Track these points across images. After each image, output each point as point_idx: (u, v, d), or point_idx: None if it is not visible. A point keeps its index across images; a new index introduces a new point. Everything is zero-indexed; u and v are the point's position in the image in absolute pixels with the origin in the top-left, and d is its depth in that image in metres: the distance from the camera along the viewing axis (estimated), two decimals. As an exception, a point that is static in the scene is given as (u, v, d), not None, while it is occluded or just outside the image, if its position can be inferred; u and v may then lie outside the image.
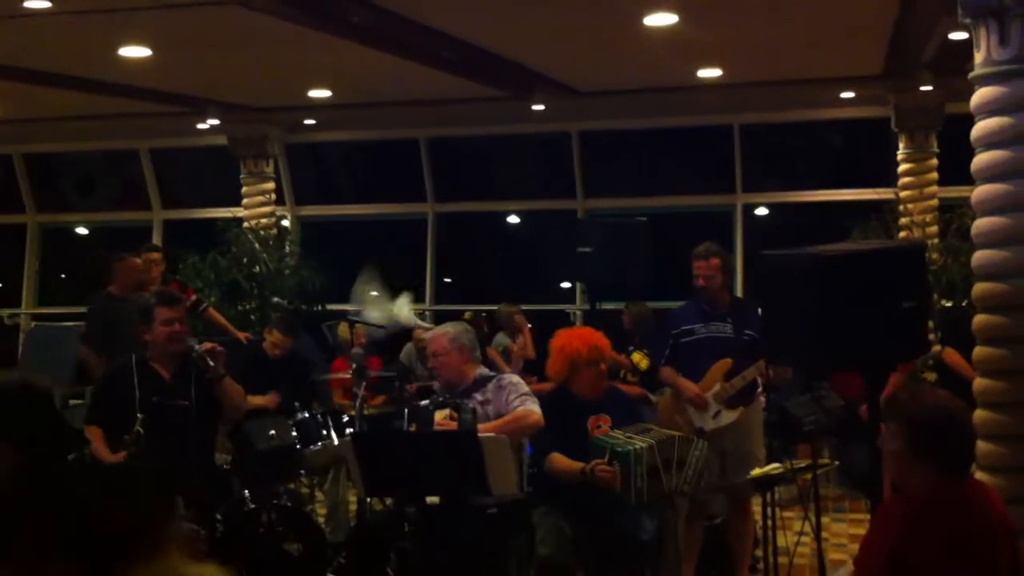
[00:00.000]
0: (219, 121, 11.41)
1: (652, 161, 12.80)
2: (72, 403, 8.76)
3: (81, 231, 14.54)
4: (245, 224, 11.54)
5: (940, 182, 10.27)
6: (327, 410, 6.85)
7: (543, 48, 8.73)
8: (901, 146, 10.40)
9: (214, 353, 5.13)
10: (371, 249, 13.62)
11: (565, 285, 12.05)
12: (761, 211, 12.19)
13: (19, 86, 9.36)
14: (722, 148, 11.86)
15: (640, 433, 4.98)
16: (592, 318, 7.62)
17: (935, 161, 10.31)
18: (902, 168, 10.39)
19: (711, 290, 6.12)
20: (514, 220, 13.33)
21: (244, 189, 11.90)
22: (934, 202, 10.24)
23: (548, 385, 5.79)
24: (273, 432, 6.15)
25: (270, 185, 12.00)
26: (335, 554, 6.05)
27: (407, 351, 10.02)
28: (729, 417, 6.04)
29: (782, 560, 5.65)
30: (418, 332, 9.79)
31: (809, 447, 6.32)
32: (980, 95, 5.52)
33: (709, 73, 9.42)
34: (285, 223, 12.39)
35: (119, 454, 4.90)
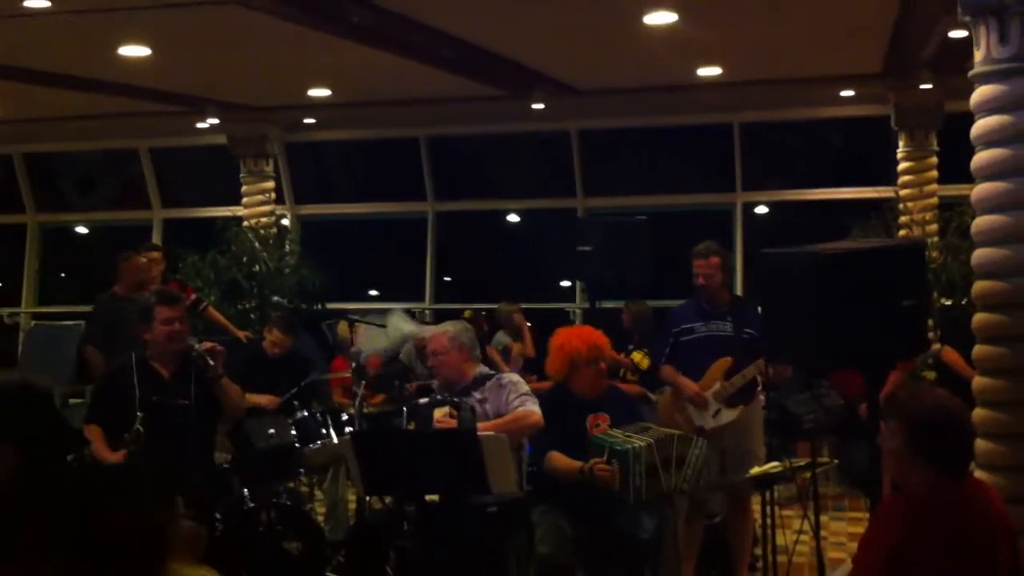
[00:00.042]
0: (219, 120, 11.41)
1: (652, 160, 12.79)
2: (72, 402, 8.77)
3: (81, 230, 14.54)
4: (245, 223, 11.53)
5: (940, 180, 10.27)
6: (326, 409, 6.84)
7: (543, 47, 8.72)
8: (901, 144, 10.40)
9: (214, 352, 5.13)
10: (371, 248, 13.67)
11: (565, 284, 12.05)
12: (761, 209, 12.19)
13: (19, 86, 9.36)
14: (722, 147, 11.86)
15: (639, 432, 4.98)
16: (592, 317, 7.61)
17: (935, 159, 10.31)
18: (902, 166, 10.39)
19: (711, 289, 6.12)
20: (514, 219, 13.32)
21: (244, 188, 11.89)
22: (934, 200, 10.24)
23: (547, 384, 5.79)
24: (272, 431, 6.16)
25: (270, 184, 12.00)
26: (334, 553, 6.05)
27: (406, 350, 10.01)
28: (729, 416, 6.04)
29: (781, 559, 5.65)
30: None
31: (808, 445, 6.32)
32: (980, 93, 5.51)
33: (709, 72, 9.42)
34: (285, 222, 12.38)
35: (119, 453, 4.90)
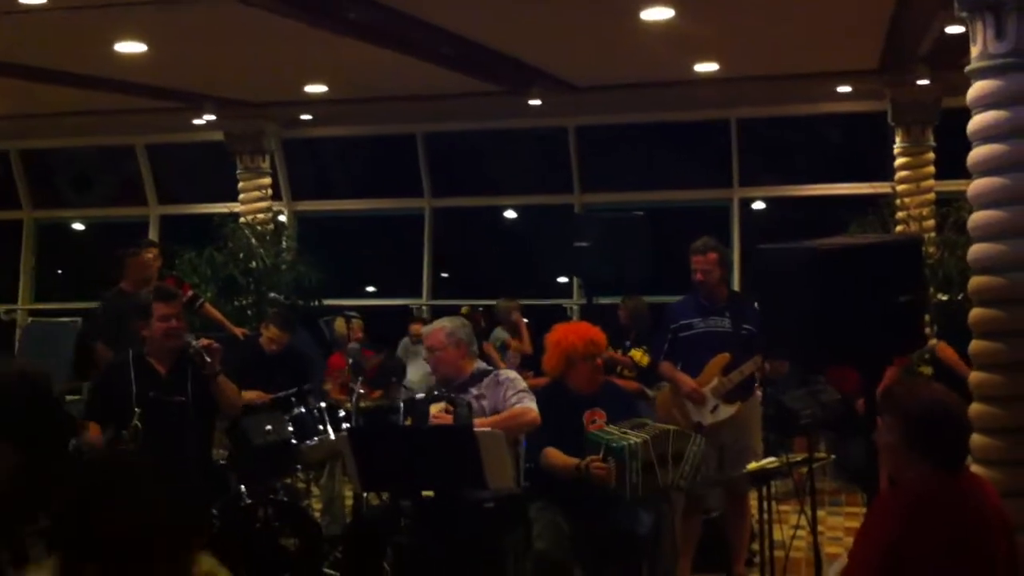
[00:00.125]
0: (215, 117, 11.39)
1: (649, 156, 12.78)
2: (69, 399, 8.75)
3: (77, 227, 14.53)
4: (241, 219, 11.53)
5: (937, 176, 10.28)
6: (319, 404, 6.81)
7: (540, 43, 8.72)
8: (898, 140, 10.40)
9: (210, 349, 5.12)
10: (368, 244, 13.67)
11: (562, 280, 12.05)
12: (758, 205, 12.20)
13: (15, 82, 9.35)
14: (719, 142, 11.86)
15: (635, 428, 4.98)
16: (589, 313, 7.60)
17: (932, 155, 10.32)
18: (899, 162, 10.39)
19: (709, 285, 6.12)
20: (511, 215, 13.32)
21: (240, 184, 11.89)
22: (931, 196, 10.25)
23: (544, 380, 5.79)
24: (269, 427, 6.15)
25: (266, 180, 12.00)
26: (331, 549, 6.04)
27: (403, 346, 10.02)
28: (727, 411, 6.05)
29: (778, 554, 5.65)
30: (414, 327, 9.80)
31: (805, 441, 6.31)
32: (976, 89, 5.51)
33: (706, 68, 9.42)
34: (282, 218, 12.38)
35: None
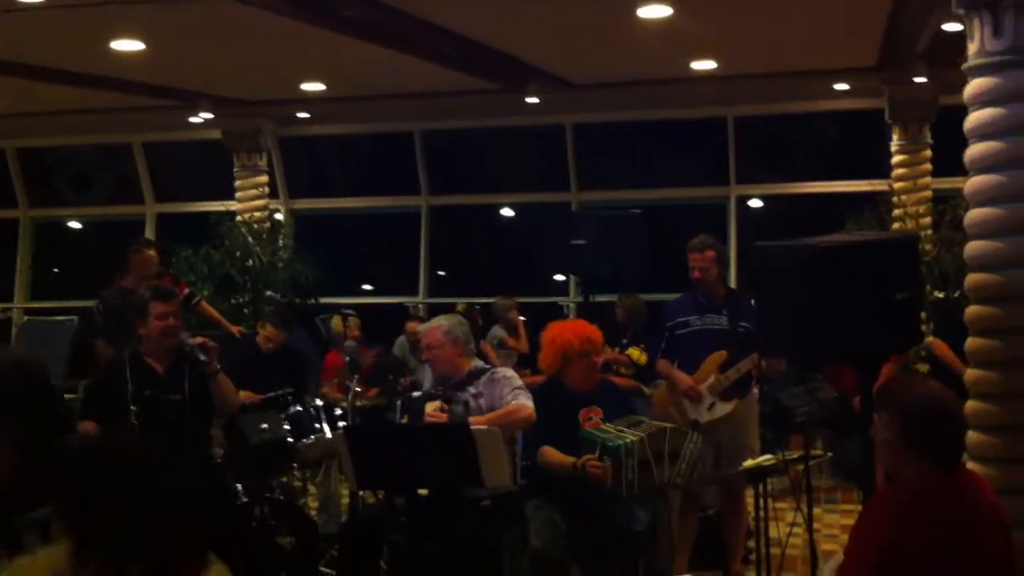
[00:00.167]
0: (212, 115, 11.38)
1: (646, 153, 12.78)
2: (66, 397, 8.74)
3: (74, 226, 14.50)
4: (238, 218, 11.52)
5: (934, 173, 10.27)
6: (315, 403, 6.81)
7: (537, 41, 8.71)
8: (895, 138, 10.39)
9: (206, 348, 5.11)
10: (365, 242, 13.66)
11: (559, 278, 12.04)
12: (755, 203, 12.20)
13: (12, 80, 9.34)
14: (716, 140, 11.86)
15: (631, 426, 4.98)
16: (585, 311, 7.60)
17: (929, 152, 10.31)
18: (896, 160, 10.39)
19: (706, 282, 6.12)
20: (508, 213, 13.31)
21: (237, 183, 11.86)
22: (928, 193, 10.24)
23: (540, 378, 5.78)
24: (265, 426, 6.15)
25: (263, 179, 11.97)
26: (328, 547, 6.04)
27: (400, 344, 10.00)
28: (724, 409, 6.05)
29: (774, 551, 5.65)
30: (411, 325, 9.79)
31: (802, 438, 6.31)
32: (973, 86, 5.50)
33: (703, 65, 9.41)
34: (278, 216, 12.37)
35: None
